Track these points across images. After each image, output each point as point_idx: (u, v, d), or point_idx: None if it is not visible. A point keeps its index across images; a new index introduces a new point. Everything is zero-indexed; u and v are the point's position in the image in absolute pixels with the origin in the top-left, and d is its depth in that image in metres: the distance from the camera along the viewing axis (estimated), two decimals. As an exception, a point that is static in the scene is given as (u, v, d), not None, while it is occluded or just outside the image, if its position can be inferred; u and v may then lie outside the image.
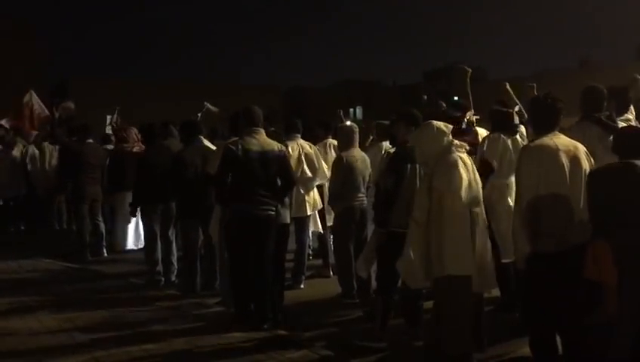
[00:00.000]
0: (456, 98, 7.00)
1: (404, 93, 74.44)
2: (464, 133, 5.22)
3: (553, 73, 40.50)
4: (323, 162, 6.98)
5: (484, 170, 5.31)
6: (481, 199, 4.25)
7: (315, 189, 6.99)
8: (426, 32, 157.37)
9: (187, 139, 6.86)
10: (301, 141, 6.93)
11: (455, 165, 4.05)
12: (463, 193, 3.98)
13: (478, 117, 6.67)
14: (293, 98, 68.56)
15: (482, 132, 6.70)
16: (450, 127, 4.23)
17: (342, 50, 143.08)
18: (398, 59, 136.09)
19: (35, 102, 11.71)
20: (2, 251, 9.01)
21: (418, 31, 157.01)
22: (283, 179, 5.38)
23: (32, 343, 4.92)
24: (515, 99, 6.26)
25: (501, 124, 5.38)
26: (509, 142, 5.35)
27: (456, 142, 4.19)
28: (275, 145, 5.38)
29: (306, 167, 6.76)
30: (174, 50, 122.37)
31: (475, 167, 4.28)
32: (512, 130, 5.40)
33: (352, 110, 74.35)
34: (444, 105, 6.11)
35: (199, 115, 9.13)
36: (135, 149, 8.52)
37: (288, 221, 5.73)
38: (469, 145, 5.18)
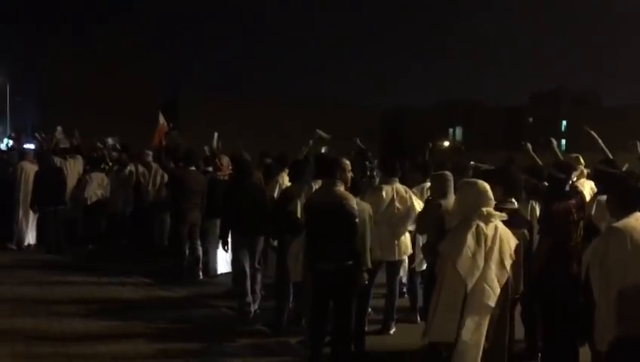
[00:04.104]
0: (564, 122, 6.74)
1: (507, 115, 72.24)
2: (568, 197, 4.94)
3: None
4: (418, 207, 6.88)
5: (590, 233, 5.05)
6: (492, 278, 3.94)
7: (407, 234, 6.91)
8: (534, 52, 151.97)
9: (294, 177, 7.02)
10: (397, 185, 6.86)
11: (464, 234, 3.90)
12: (462, 265, 3.83)
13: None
14: (392, 118, 68.40)
15: (588, 186, 6.38)
16: (492, 199, 4.14)
17: (444, 69, 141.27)
18: (503, 80, 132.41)
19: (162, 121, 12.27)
20: (106, 265, 9.61)
21: (525, 50, 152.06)
22: (346, 236, 5.07)
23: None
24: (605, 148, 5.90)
25: (608, 187, 5.07)
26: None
27: (490, 210, 4.01)
28: (339, 200, 5.09)
29: (397, 211, 6.71)
30: (274, 69, 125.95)
31: (497, 241, 4.02)
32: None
33: (451, 130, 73.13)
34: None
35: (311, 141, 9.30)
36: (226, 177, 8.83)
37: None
38: (576, 210, 4.93)
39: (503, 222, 4.69)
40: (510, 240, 4.08)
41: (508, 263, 3.99)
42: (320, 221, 5.13)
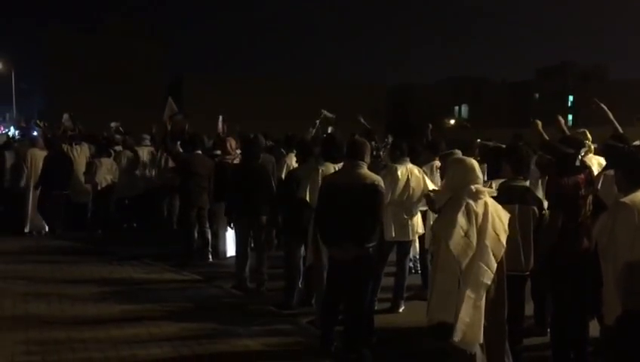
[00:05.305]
0: (571, 98, 6.73)
1: (514, 91, 71.73)
2: (577, 171, 4.92)
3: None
4: (430, 187, 6.88)
5: (597, 209, 5.04)
6: (488, 256, 3.88)
7: (419, 214, 6.93)
8: (541, 27, 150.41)
9: (303, 158, 7.06)
10: (410, 165, 6.85)
11: (456, 212, 3.87)
12: (453, 242, 3.80)
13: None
14: (398, 96, 68.00)
15: (596, 161, 6.35)
16: (480, 177, 4.05)
17: (449, 46, 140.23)
18: (509, 56, 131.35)
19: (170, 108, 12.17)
20: (116, 250, 9.68)
21: (532, 25, 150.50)
22: (370, 216, 5.06)
23: (142, 353, 5.28)
24: (614, 120, 5.86)
25: (616, 162, 5.05)
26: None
27: (479, 187, 3.98)
28: (370, 180, 5.10)
29: (412, 191, 6.72)
30: (280, 48, 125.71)
31: (489, 218, 3.96)
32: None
33: (457, 108, 72.69)
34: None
35: (317, 122, 9.35)
36: (235, 161, 8.85)
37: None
38: (584, 184, 4.92)
39: (515, 199, 4.71)
40: (502, 215, 4.05)
41: (503, 238, 3.97)
42: (347, 203, 5.00)
